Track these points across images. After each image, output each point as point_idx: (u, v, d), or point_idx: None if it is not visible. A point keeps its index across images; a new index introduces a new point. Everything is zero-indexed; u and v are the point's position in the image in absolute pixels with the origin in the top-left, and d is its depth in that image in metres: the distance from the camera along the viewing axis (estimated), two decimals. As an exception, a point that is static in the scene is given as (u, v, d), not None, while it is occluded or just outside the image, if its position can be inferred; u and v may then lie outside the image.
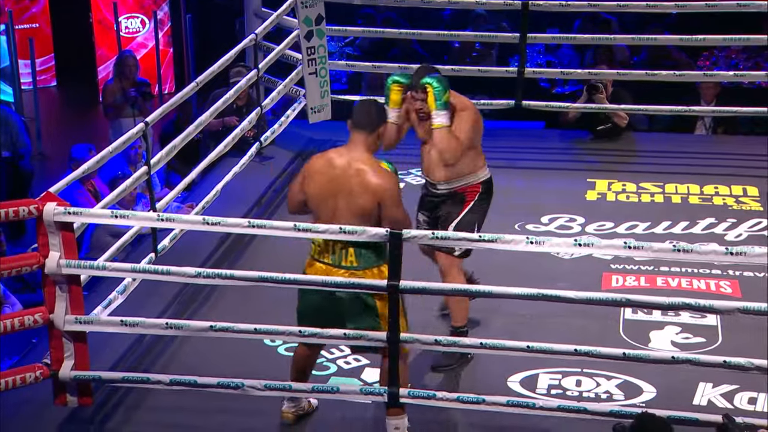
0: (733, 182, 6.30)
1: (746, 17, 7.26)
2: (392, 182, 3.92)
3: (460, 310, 4.51)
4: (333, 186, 3.93)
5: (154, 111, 5.20)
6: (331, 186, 3.94)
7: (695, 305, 3.83)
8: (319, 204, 3.98)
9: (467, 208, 4.50)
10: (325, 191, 3.95)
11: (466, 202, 4.49)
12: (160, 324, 4.12)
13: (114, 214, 4.11)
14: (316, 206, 3.99)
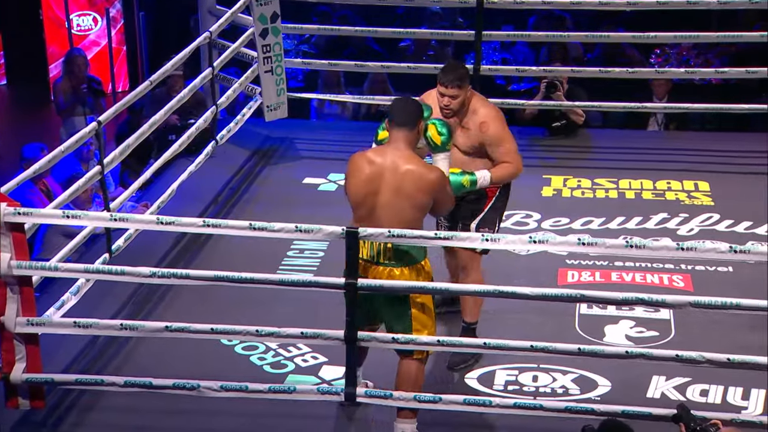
0: (685, 177, 6.37)
1: (696, 15, 7.37)
2: (442, 176, 3.92)
3: (475, 306, 4.51)
4: (375, 184, 3.89)
5: (107, 108, 5.15)
6: (373, 184, 3.89)
7: (648, 300, 3.88)
8: (358, 202, 3.94)
9: (489, 205, 4.50)
10: (366, 189, 3.90)
11: (488, 199, 4.49)
12: (114, 325, 4.08)
13: (66, 214, 4.06)
14: (355, 204, 3.97)
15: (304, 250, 5.44)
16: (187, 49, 5.99)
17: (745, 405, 4.17)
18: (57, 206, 4.62)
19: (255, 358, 4.51)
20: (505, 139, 4.39)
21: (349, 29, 7.64)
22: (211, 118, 6.32)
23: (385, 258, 3.92)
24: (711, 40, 7.26)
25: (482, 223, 4.50)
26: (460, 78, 4.29)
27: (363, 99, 7.50)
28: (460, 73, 4.32)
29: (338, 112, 8.09)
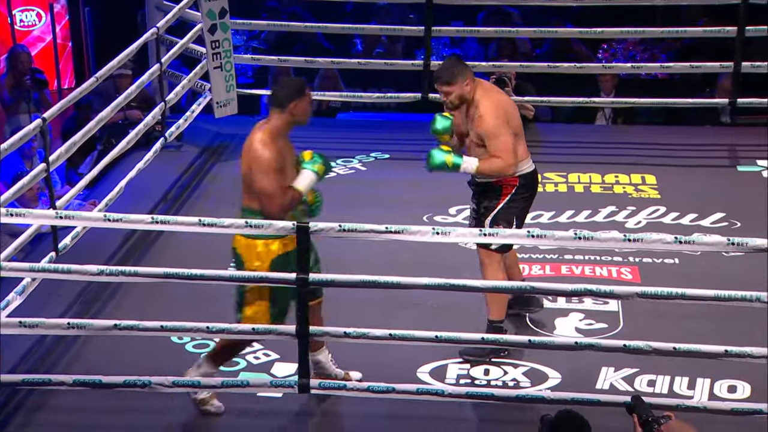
0: (633, 171, 6.45)
1: (642, 10, 7.47)
2: (261, 150, 3.94)
3: (498, 305, 4.49)
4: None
5: (53, 102, 5.08)
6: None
7: (597, 291, 3.93)
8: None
9: (504, 201, 4.49)
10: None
11: (503, 195, 4.48)
12: (61, 324, 4.03)
13: (9, 212, 4.00)
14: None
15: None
16: (135, 44, 5.93)
17: (691, 394, 4.24)
18: (1, 204, 4.54)
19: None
20: (497, 134, 4.42)
21: (298, 25, 7.62)
22: (160, 114, 6.25)
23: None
24: (656, 35, 7.36)
25: (495, 220, 4.49)
26: (447, 76, 4.43)
27: (314, 95, 7.45)
28: (446, 72, 4.45)
29: (289, 108, 8.04)
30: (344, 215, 4.84)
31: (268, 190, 3.94)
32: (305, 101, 4.04)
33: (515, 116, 4.53)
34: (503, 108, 4.46)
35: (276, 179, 3.94)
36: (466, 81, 4.43)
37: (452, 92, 4.43)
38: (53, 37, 9.67)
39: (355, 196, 6.05)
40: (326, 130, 7.32)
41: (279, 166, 3.95)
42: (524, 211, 4.57)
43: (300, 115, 4.04)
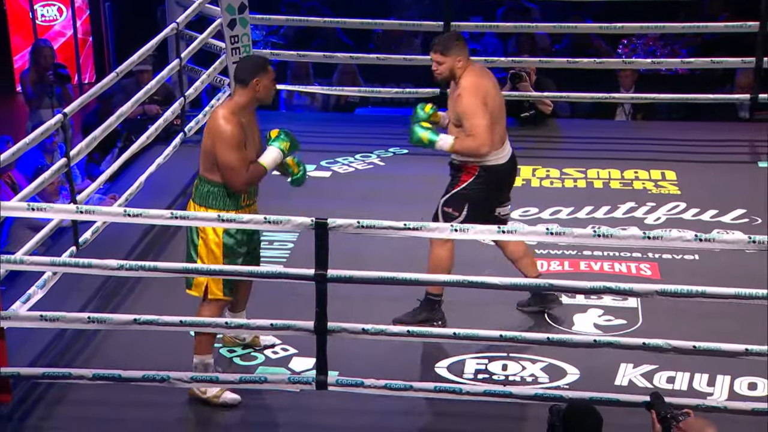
0: (652, 167, 6.42)
1: (663, 6, 7.42)
2: (223, 125, 4.03)
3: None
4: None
5: (75, 97, 5.10)
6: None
7: (616, 289, 3.91)
8: None
9: (460, 186, 4.55)
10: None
11: (461, 181, 4.56)
12: (81, 318, 4.05)
13: (31, 206, 4.02)
14: None
15: (273, 242, 5.42)
16: (154, 40, 5.94)
17: (710, 391, 4.22)
18: (23, 199, 4.58)
19: (225, 351, 4.50)
20: (473, 114, 4.45)
21: (317, 20, 7.62)
22: (179, 109, 6.27)
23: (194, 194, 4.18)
24: (677, 30, 7.31)
25: (447, 202, 4.57)
26: (444, 45, 4.50)
27: (332, 90, 7.48)
28: (446, 42, 4.52)
29: (307, 103, 8.07)
30: (362, 211, 4.88)
31: (231, 164, 4.03)
32: (267, 79, 4.12)
33: (497, 104, 4.55)
34: (484, 90, 4.49)
35: (238, 154, 4.03)
36: (459, 57, 4.48)
37: (443, 63, 4.49)
38: (74, 32, 9.74)
39: (374, 191, 6.05)
40: (345, 125, 7.34)
41: (241, 140, 4.04)
42: (482, 202, 4.57)
43: (262, 92, 4.11)
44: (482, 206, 4.59)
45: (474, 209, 4.56)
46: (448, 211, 4.57)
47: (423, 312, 4.69)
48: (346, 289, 4.26)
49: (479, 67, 4.65)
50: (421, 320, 4.63)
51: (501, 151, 4.57)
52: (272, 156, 4.15)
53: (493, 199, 4.63)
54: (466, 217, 4.54)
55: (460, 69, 4.50)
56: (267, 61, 4.22)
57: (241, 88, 4.11)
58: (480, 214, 4.56)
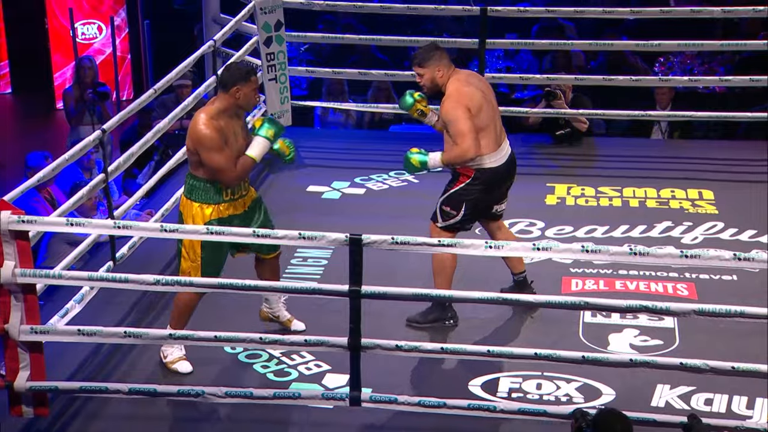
0: (689, 186, 6.36)
1: (700, 23, 7.37)
2: (201, 130, 4.23)
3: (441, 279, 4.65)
4: None
5: (114, 114, 5.16)
6: None
7: (652, 308, 3.87)
8: None
9: (457, 187, 4.63)
10: None
11: (458, 182, 4.64)
12: (118, 333, 4.08)
13: (69, 221, 4.06)
14: None
15: (307, 258, 5.43)
16: (192, 57, 5.99)
17: (749, 414, 4.15)
18: (61, 214, 4.62)
19: (258, 366, 4.50)
20: (454, 120, 4.52)
21: (352, 37, 7.65)
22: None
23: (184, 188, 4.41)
24: (715, 48, 7.25)
25: (446, 201, 4.65)
26: (419, 58, 4.57)
27: (367, 107, 7.50)
28: (423, 54, 4.57)
29: (342, 120, 8.09)
30: (397, 227, 4.85)
31: (218, 165, 4.25)
32: (248, 88, 4.28)
33: (485, 107, 4.58)
34: (467, 97, 4.53)
35: (222, 154, 4.24)
36: (439, 67, 4.53)
37: (424, 74, 4.57)
38: (113, 49, 9.86)
39: (408, 208, 6.04)
40: (379, 142, 7.34)
41: (221, 141, 4.24)
42: (480, 202, 4.67)
43: (242, 99, 4.28)
44: (480, 206, 4.69)
45: (472, 209, 4.65)
46: (447, 209, 4.66)
47: (434, 312, 4.72)
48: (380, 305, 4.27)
49: (466, 73, 4.70)
50: (431, 320, 4.70)
51: (497, 153, 4.62)
52: (259, 146, 4.35)
53: (490, 198, 4.71)
54: (464, 215, 4.64)
55: (441, 78, 4.55)
56: (251, 71, 4.35)
57: (222, 93, 4.30)
58: (478, 214, 4.70)
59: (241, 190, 4.39)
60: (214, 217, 4.32)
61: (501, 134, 4.68)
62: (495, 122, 4.63)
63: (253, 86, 4.30)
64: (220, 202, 4.33)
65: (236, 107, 4.30)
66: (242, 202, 4.41)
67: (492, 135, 4.60)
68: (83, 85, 7.86)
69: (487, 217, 4.81)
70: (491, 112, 4.62)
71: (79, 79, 7.93)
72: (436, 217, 4.69)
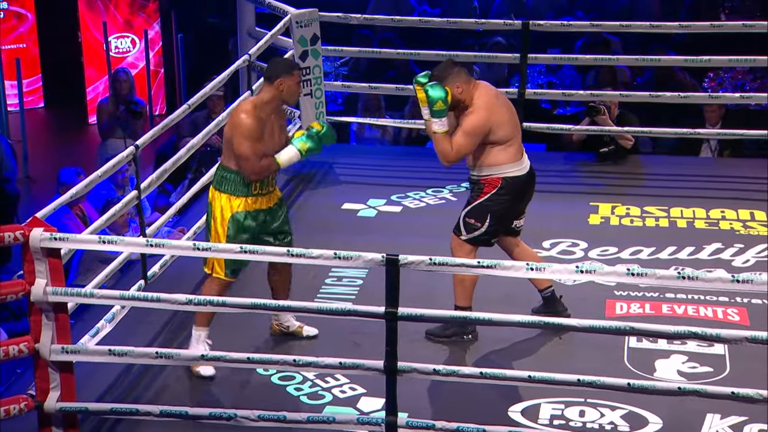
0: (740, 206, 6.19)
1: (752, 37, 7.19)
2: (242, 118, 4.36)
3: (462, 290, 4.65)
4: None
5: (144, 132, 5.12)
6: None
7: (702, 334, 3.73)
8: None
9: (482, 198, 4.65)
10: None
11: (483, 193, 4.65)
12: (149, 353, 4.03)
13: (102, 239, 4.01)
14: None
15: (342, 278, 5.34)
16: (226, 72, 5.94)
17: (806, 446, 3.98)
18: (93, 231, 4.58)
19: (292, 389, 4.42)
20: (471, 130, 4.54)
21: (390, 51, 7.57)
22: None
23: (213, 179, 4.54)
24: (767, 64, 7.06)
25: (470, 213, 4.66)
26: (439, 76, 4.55)
27: (404, 123, 7.42)
28: (441, 71, 4.56)
29: (378, 136, 8.01)
30: (434, 247, 4.77)
31: (244, 153, 4.36)
32: (292, 81, 4.42)
33: (509, 119, 4.61)
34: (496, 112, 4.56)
35: (252, 145, 4.35)
36: (458, 84, 4.54)
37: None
38: (146, 63, 9.87)
39: (445, 227, 5.86)
40: (416, 158, 7.25)
41: (257, 134, 4.36)
42: (506, 211, 4.68)
43: (286, 93, 4.43)
44: (505, 218, 4.69)
45: (496, 220, 4.65)
46: (470, 221, 4.66)
47: (453, 326, 4.70)
48: (417, 326, 4.17)
49: (484, 85, 4.67)
50: (450, 334, 4.70)
51: (520, 163, 4.66)
52: (288, 154, 4.47)
53: (515, 209, 4.71)
54: (488, 227, 4.63)
55: (462, 94, 4.55)
56: (295, 65, 4.55)
57: (266, 85, 4.45)
58: (502, 226, 4.69)
59: (268, 186, 4.52)
60: (242, 209, 4.45)
61: (521, 145, 4.72)
62: (519, 132, 4.68)
63: (297, 80, 4.44)
64: (248, 195, 4.45)
65: (279, 100, 4.44)
66: (269, 198, 4.53)
67: (515, 144, 4.66)
68: (119, 98, 7.84)
69: (507, 232, 4.80)
70: (516, 122, 4.67)
71: (115, 92, 7.91)
72: (460, 230, 4.68)
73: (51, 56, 10.33)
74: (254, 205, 4.47)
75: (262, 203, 4.49)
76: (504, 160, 4.61)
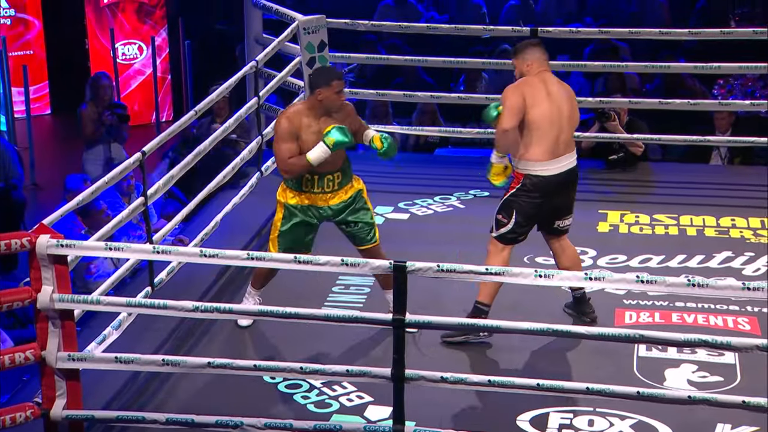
0: (751, 214, 6.14)
1: (763, 44, 7.15)
2: (279, 121, 4.68)
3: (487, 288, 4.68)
4: None
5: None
6: None
7: (712, 342, 3.71)
8: None
9: (509, 193, 4.69)
10: None
11: (510, 187, 4.69)
12: (156, 360, 4.03)
13: (108, 246, 4.00)
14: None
15: (350, 286, 5.31)
16: (233, 78, 5.92)
17: (818, 457, 3.94)
18: (100, 237, 4.57)
19: (299, 397, 4.40)
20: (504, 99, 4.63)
21: (397, 58, 7.55)
22: (257, 148, 6.23)
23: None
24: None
25: (499, 209, 4.71)
26: (517, 49, 4.76)
27: (411, 130, 7.39)
28: (520, 46, 4.73)
29: (386, 143, 7.96)
30: (441, 254, 4.77)
31: (276, 153, 4.67)
32: (330, 91, 4.60)
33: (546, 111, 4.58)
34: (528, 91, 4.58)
35: (285, 144, 4.61)
36: (529, 62, 4.63)
37: (516, 66, 4.71)
38: (153, 69, 9.86)
39: (453, 234, 5.92)
40: (424, 166, 7.23)
41: (290, 134, 4.60)
42: (535, 211, 4.66)
43: (326, 101, 4.62)
44: (531, 216, 4.66)
45: (522, 218, 4.63)
46: (499, 217, 4.69)
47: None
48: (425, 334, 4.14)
49: (553, 79, 4.70)
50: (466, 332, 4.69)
51: (550, 162, 4.61)
52: (317, 151, 4.60)
53: (544, 209, 4.67)
54: (515, 223, 4.64)
55: (528, 72, 4.65)
56: (334, 75, 4.66)
57: (310, 94, 4.72)
58: (529, 224, 4.67)
59: (324, 187, 4.70)
60: (292, 203, 4.72)
61: (565, 146, 4.68)
62: (556, 132, 4.62)
63: (335, 89, 4.61)
64: (299, 190, 4.70)
65: (321, 107, 4.63)
66: (324, 197, 4.73)
67: (547, 143, 4.60)
68: (101, 102, 7.75)
69: (549, 232, 4.79)
70: (553, 118, 4.61)
71: (97, 96, 7.80)
72: (492, 227, 4.73)
73: (58, 63, 10.31)
74: (306, 200, 4.71)
75: (316, 201, 4.71)
76: (532, 156, 4.59)
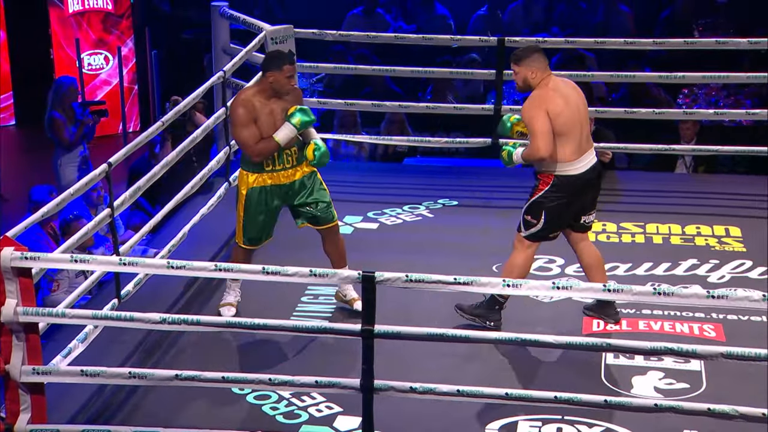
0: (715, 222, 6.20)
1: (726, 54, 7.24)
2: (236, 108, 4.73)
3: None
4: None
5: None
6: None
7: (678, 350, 3.75)
8: None
9: (537, 195, 4.73)
10: None
11: (538, 189, 4.73)
12: (122, 373, 3.99)
13: (74, 258, 3.97)
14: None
15: (318, 296, 5.30)
16: (201, 88, 5.90)
17: (783, 463, 3.97)
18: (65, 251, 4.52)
19: (267, 408, 4.37)
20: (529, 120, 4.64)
21: (365, 68, 7.55)
22: (225, 158, 6.21)
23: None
24: (741, 80, 7.11)
25: (527, 210, 4.76)
26: (518, 56, 4.72)
27: (380, 139, 7.40)
28: (521, 52, 4.72)
29: (355, 152, 7.98)
30: (411, 263, 4.76)
31: (240, 140, 4.75)
32: (281, 75, 4.70)
33: (566, 113, 4.63)
34: (548, 100, 4.61)
35: (247, 130, 4.70)
36: (533, 69, 4.65)
37: (518, 73, 4.71)
38: (120, 80, 9.78)
39: (422, 243, 5.92)
40: (393, 175, 7.23)
41: (247, 119, 4.69)
42: (563, 209, 4.72)
43: (276, 84, 4.72)
44: (561, 215, 4.74)
45: (552, 217, 4.71)
46: (528, 218, 4.75)
47: (482, 308, 4.83)
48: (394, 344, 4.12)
49: (560, 80, 4.77)
50: (477, 314, 4.83)
51: (576, 162, 4.68)
52: (284, 131, 4.72)
53: (573, 207, 4.75)
54: (545, 223, 4.72)
55: (534, 80, 4.67)
56: (286, 60, 4.72)
57: (261, 76, 4.81)
58: (560, 223, 4.76)
59: (284, 163, 4.80)
60: (256, 185, 4.80)
61: (587, 140, 4.75)
62: (579, 130, 4.69)
63: (286, 74, 4.69)
64: (261, 172, 4.78)
65: (271, 90, 4.71)
66: (286, 174, 4.82)
67: (574, 143, 4.67)
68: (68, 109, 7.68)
69: (575, 228, 4.84)
70: (575, 119, 4.68)
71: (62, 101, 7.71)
72: (520, 227, 4.77)
73: (23, 74, 10.20)
74: (269, 180, 4.80)
75: (279, 179, 4.81)
76: (562, 158, 4.63)
